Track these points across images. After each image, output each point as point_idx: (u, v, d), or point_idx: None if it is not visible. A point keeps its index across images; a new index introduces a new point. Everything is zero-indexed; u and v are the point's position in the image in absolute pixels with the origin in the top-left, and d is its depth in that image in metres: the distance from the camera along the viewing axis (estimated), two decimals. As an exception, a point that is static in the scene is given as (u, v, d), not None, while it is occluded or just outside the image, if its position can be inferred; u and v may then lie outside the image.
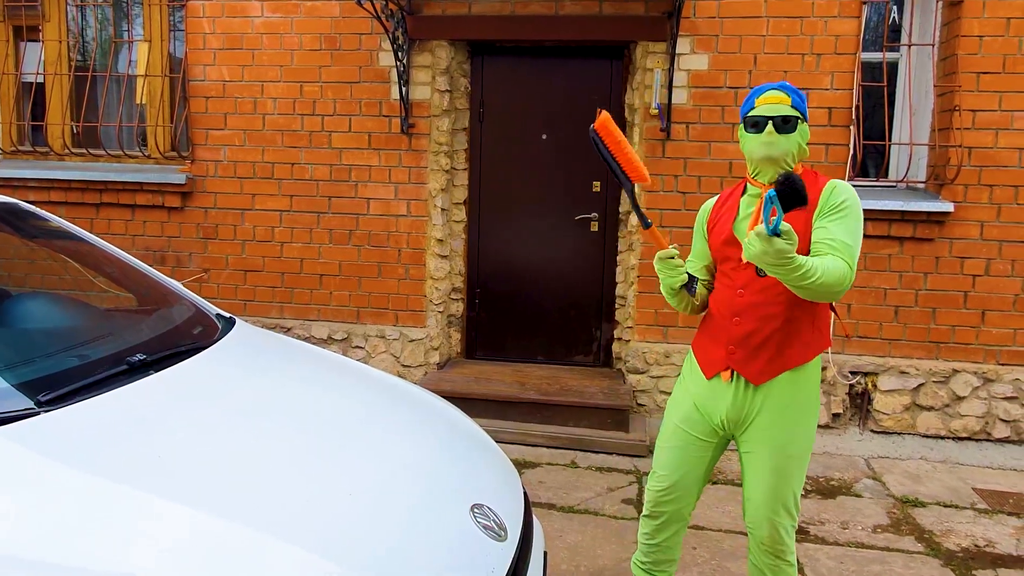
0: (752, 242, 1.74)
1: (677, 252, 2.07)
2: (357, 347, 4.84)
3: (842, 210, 1.97)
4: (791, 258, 1.74)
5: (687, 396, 2.22)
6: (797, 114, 2.00)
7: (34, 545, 1.21)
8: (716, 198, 2.26)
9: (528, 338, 4.98)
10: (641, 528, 2.37)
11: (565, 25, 4.48)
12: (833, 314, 2.21)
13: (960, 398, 4.24)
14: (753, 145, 2.04)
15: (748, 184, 2.13)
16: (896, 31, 4.44)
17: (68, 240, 2.49)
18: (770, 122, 2.00)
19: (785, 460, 2.08)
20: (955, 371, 4.24)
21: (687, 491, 2.25)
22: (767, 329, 2.03)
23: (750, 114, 2.05)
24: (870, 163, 4.53)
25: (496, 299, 4.99)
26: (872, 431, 4.34)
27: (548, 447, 4.16)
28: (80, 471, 1.40)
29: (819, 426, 4.35)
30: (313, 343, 3.99)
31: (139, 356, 1.83)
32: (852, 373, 4.33)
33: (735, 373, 2.08)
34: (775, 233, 1.69)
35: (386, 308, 4.81)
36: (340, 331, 4.84)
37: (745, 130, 2.07)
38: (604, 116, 1.94)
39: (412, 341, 4.77)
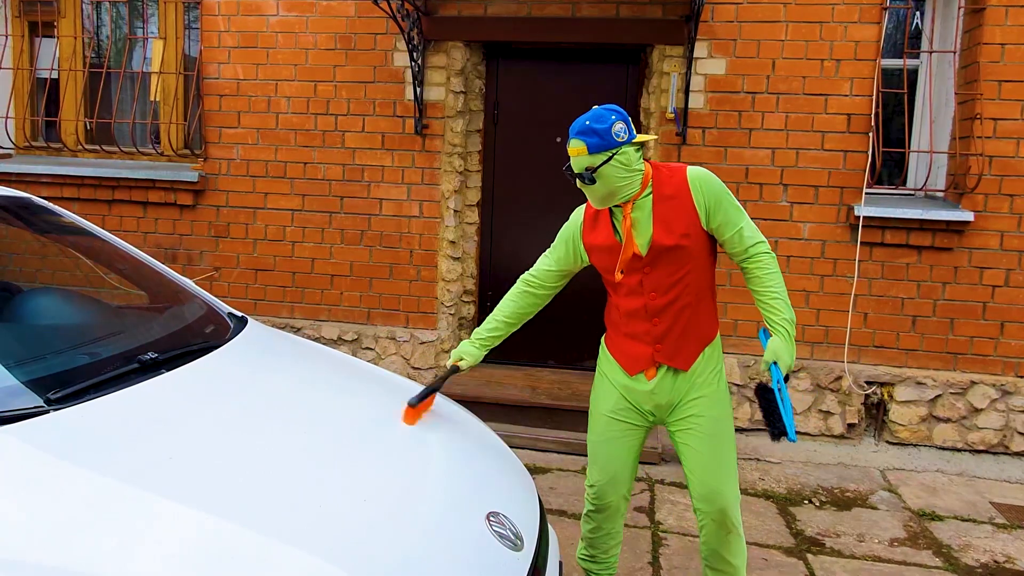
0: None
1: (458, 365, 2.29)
2: (367, 348, 4.81)
3: (720, 197, 2.11)
4: (792, 333, 2.09)
5: (612, 387, 2.29)
6: (599, 160, 2.02)
7: (41, 547, 1.18)
8: (582, 214, 2.32)
9: (539, 342, 4.93)
10: (585, 525, 2.44)
11: (581, 27, 4.44)
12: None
13: (978, 410, 4.17)
14: (585, 192, 2.14)
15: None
16: (917, 38, 4.39)
17: (81, 236, 2.47)
18: (577, 179, 2.09)
19: (717, 424, 2.21)
20: (973, 383, 4.17)
21: (627, 478, 2.33)
22: (684, 319, 2.16)
23: (568, 167, 2.12)
24: (888, 171, 4.48)
25: (507, 302, 4.95)
26: (888, 442, 4.28)
27: (559, 452, 4.12)
28: (88, 471, 1.38)
29: (834, 436, 4.31)
30: (323, 344, 3.96)
31: (150, 354, 1.80)
32: (868, 383, 4.27)
33: (661, 367, 2.20)
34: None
35: (397, 309, 4.78)
36: (350, 332, 4.81)
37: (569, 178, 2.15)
38: None
39: (423, 343, 4.74)
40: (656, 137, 2.74)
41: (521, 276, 2.38)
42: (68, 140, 5.11)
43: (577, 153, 2.06)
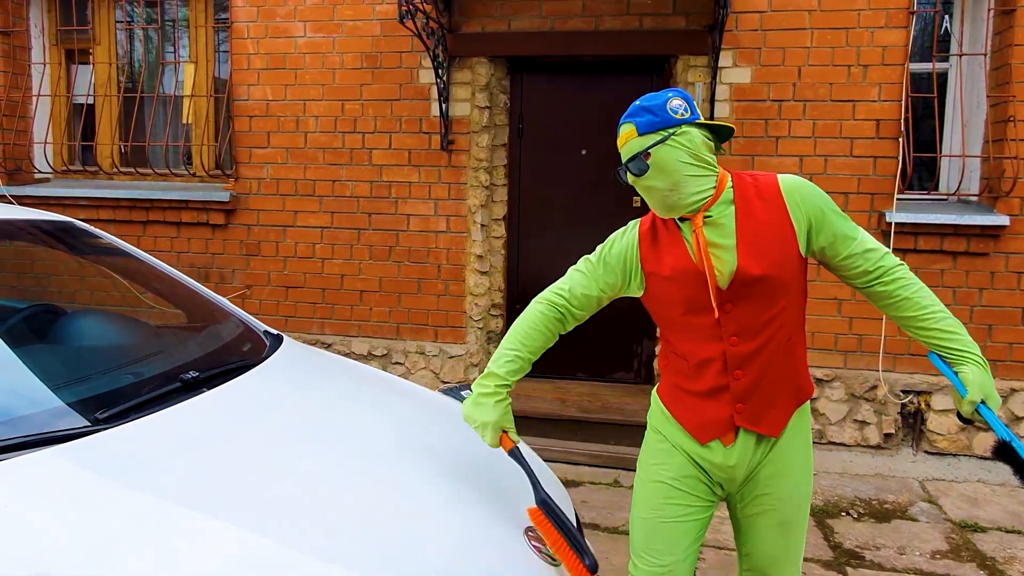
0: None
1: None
2: (396, 363, 4.84)
3: (824, 208, 1.65)
4: (983, 359, 1.67)
5: (674, 449, 1.78)
6: (651, 140, 1.59)
7: (87, 565, 1.20)
8: (635, 232, 1.79)
9: (568, 354, 4.92)
10: None
11: (605, 40, 4.46)
12: None
13: (1019, 418, 4.08)
14: (641, 193, 1.68)
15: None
16: (945, 41, 4.34)
17: (120, 257, 2.53)
18: (630, 174, 1.64)
19: (795, 510, 1.76)
20: (1013, 390, 4.09)
21: (688, 569, 1.78)
22: (774, 372, 1.68)
23: (618, 169, 1.69)
24: (920, 176, 4.42)
25: (535, 315, 4.96)
26: (926, 452, 4.20)
27: (590, 465, 4.10)
28: (134, 490, 1.40)
29: (870, 447, 4.23)
30: (353, 359, 3.99)
31: (192, 373, 1.84)
32: (904, 392, 4.20)
33: (741, 431, 1.70)
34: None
35: (426, 324, 4.81)
36: (380, 347, 4.85)
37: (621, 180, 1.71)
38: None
39: (452, 357, 4.76)
40: (733, 127, 1.77)
41: (544, 297, 1.88)
42: (104, 163, 5.24)
43: (626, 139, 1.63)
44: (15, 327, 2.07)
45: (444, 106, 4.54)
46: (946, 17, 4.31)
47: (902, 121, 4.11)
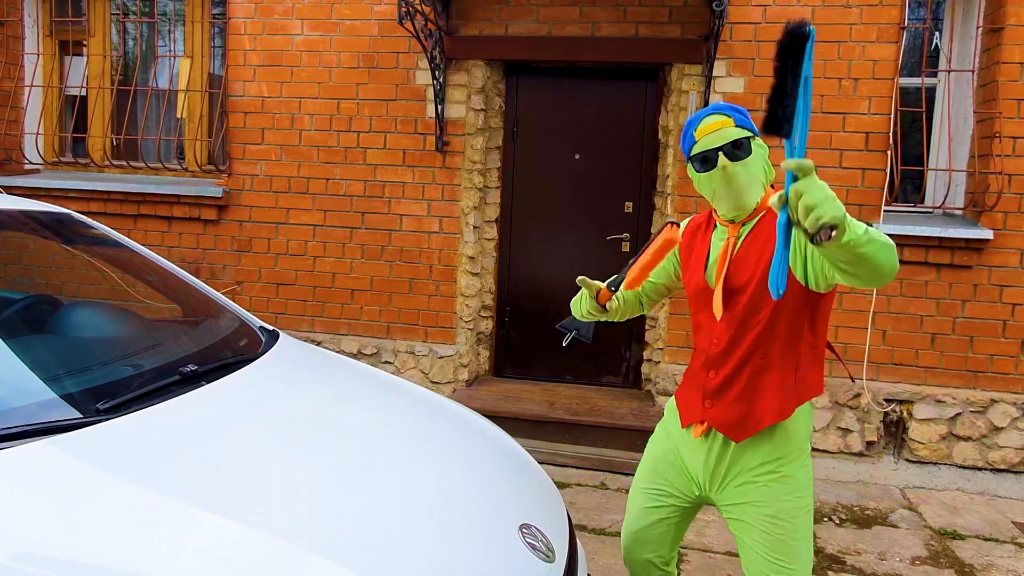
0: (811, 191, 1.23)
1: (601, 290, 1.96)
2: (386, 362, 4.85)
3: None
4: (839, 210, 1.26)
5: (666, 436, 1.98)
6: (746, 133, 1.73)
7: (78, 554, 1.20)
8: (689, 221, 1.98)
9: (557, 357, 4.96)
10: None
11: (600, 46, 4.50)
12: (834, 356, 1.99)
13: (998, 429, 4.15)
14: (711, 184, 1.76)
15: (717, 221, 1.87)
16: (935, 57, 4.42)
17: (117, 249, 2.53)
18: (720, 153, 1.71)
19: (774, 524, 1.77)
20: (993, 401, 4.16)
21: (654, 543, 1.99)
22: (742, 379, 1.77)
23: (694, 151, 1.77)
24: (907, 189, 4.50)
25: (526, 317, 4.99)
26: (907, 460, 4.27)
27: (577, 467, 4.14)
28: (132, 482, 1.41)
29: (853, 454, 4.29)
30: (344, 357, 4.00)
31: (191, 367, 1.85)
32: (887, 400, 4.27)
33: (710, 429, 1.83)
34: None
35: (416, 324, 4.82)
36: (370, 346, 4.86)
37: (695, 169, 1.79)
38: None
39: (441, 358, 4.78)
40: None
41: None
42: (95, 156, 5.22)
43: (720, 126, 1.72)
44: (13, 318, 2.07)
45: (440, 108, 4.57)
46: (936, 34, 4.40)
47: (891, 134, 4.18)
